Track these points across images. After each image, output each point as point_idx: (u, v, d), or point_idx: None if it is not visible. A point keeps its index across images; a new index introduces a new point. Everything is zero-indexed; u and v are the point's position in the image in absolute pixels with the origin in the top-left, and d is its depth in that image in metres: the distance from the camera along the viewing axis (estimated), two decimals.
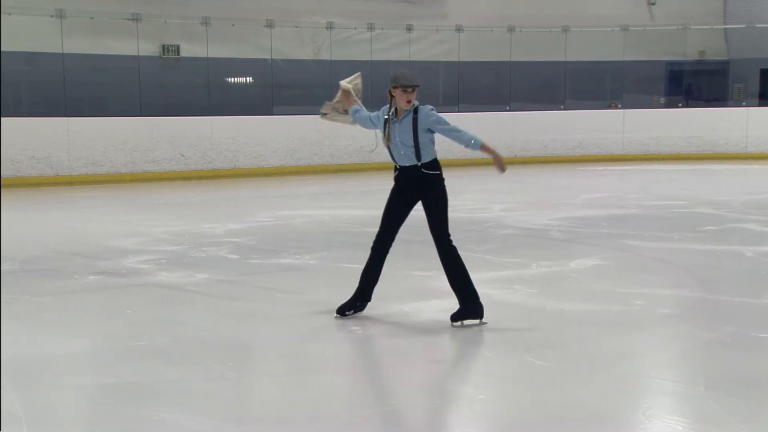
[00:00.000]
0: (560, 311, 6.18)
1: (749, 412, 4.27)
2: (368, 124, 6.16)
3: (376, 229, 6.02)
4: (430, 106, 5.85)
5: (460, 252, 5.86)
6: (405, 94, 5.75)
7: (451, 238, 5.87)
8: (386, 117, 5.86)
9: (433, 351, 5.50)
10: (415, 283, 7.19)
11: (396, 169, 5.96)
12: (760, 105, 21.84)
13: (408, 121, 5.78)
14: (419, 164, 5.80)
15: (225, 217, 11.34)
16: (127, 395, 4.61)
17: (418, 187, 5.84)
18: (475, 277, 7.21)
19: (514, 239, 9.45)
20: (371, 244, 6.07)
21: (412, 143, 5.77)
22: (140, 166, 16.46)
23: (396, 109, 5.84)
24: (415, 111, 5.80)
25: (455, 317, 5.80)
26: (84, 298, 6.90)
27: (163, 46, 18.02)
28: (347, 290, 7.03)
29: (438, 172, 5.83)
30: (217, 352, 5.33)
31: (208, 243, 9.28)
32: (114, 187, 15.50)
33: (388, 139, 5.85)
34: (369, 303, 6.13)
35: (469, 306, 5.82)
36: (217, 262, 8.29)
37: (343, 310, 6.10)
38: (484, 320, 5.80)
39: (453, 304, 6.34)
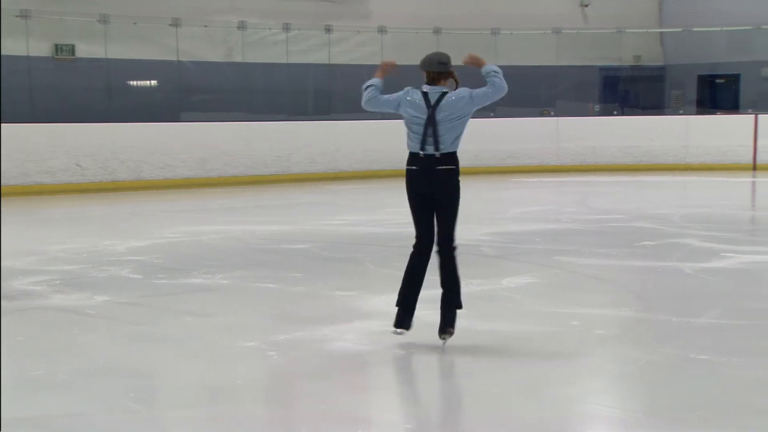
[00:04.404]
0: (492, 333, 6.25)
1: None
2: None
3: (294, 246, 6.01)
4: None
5: (386, 270, 5.90)
6: None
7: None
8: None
9: (358, 377, 5.51)
10: (337, 304, 7.20)
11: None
12: (698, 113, 22.52)
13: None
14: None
15: (127, 234, 11.18)
16: None
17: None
18: None
19: None
20: (283, 261, 6.07)
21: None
22: (33, 177, 16.12)
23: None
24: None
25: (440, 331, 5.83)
26: None
27: (56, 45, 17.74)
28: (264, 312, 7.01)
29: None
30: (120, 382, 5.25)
31: (109, 262, 9.14)
32: (3, 200, 15.12)
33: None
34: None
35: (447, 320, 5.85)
36: (118, 282, 8.17)
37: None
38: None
39: (378, 326, 6.37)
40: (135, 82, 19.40)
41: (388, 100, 5.99)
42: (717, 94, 23.81)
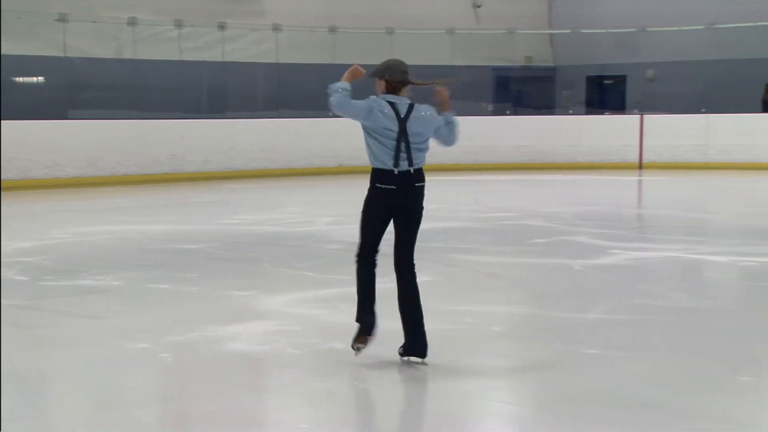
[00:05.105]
0: (387, 331, 6.27)
1: (576, 431, 4.50)
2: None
3: (188, 246, 5.93)
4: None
5: (283, 270, 5.87)
6: None
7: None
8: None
9: (252, 378, 5.47)
10: (232, 304, 7.13)
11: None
12: (587, 113, 23.10)
13: None
14: None
15: (13, 235, 10.84)
16: None
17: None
18: (296, 296, 7.24)
19: (339, 255, 9.52)
20: (178, 262, 5.98)
21: None
22: None
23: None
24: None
25: (404, 351, 5.65)
26: None
27: None
28: (157, 314, 6.90)
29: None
30: (10, 387, 5.09)
31: None
32: None
33: None
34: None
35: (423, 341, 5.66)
36: (4, 284, 7.90)
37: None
38: (425, 360, 5.62)
39: (274, 326, 6.34)
40: (20, 79, 18.83)
41: (360, 106, 5.65)
42: (605, 94, 24.46)
